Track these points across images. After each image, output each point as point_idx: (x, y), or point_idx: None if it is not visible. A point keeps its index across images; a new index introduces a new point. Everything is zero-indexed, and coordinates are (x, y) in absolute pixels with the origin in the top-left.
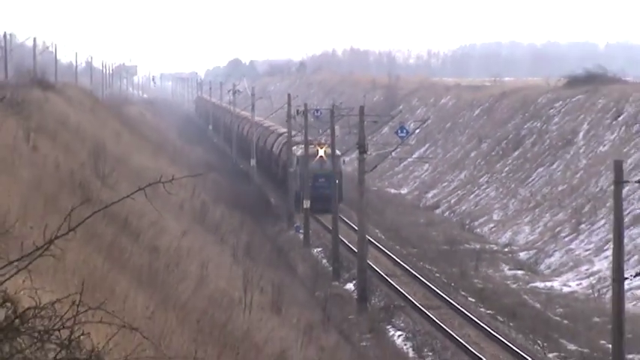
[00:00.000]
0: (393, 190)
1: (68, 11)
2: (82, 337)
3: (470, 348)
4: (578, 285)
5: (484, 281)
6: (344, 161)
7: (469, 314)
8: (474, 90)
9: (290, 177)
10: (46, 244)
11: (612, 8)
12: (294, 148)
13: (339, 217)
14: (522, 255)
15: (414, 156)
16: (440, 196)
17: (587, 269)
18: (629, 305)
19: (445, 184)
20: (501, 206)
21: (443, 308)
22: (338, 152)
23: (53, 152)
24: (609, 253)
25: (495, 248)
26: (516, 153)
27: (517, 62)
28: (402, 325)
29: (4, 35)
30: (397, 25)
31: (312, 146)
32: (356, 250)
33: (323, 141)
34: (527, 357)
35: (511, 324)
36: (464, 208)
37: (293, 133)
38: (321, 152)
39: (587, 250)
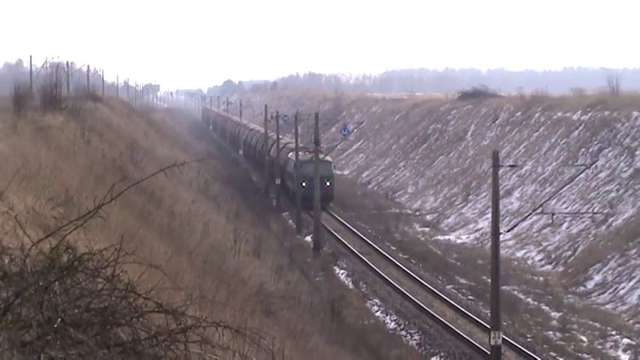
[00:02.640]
0: (338, 172)
1: (113, 45)
2: (121, 273)
3: (392, 282)
4: (467, 238)
5: (402, 235)
6: (334, 166)
7: (391, 258)
8: (395, 102)
9: (286, 178)
10: (95, 209)
11: (491, 43)
12: (291, 154)
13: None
14: (428, 217)
15: (353, 148)
16: (371, 176)
17: (473, 227)
18: (502, 252)
19: (375, 167)
20: (414, 183)
21: (373, 254)
22: (329, 159)
23: (101, 145)
24: (489, 215)
25: (409, 212)
26: (424, 146)
27: (425, 82)
28: (345, 265)
29: (67, 63)
30: (342, 55)
31: (309, 153)
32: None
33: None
34: (432, 288)
35: (421, 265)
36: (388, 184)
37: (270, 132)
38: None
39: (473, 214)
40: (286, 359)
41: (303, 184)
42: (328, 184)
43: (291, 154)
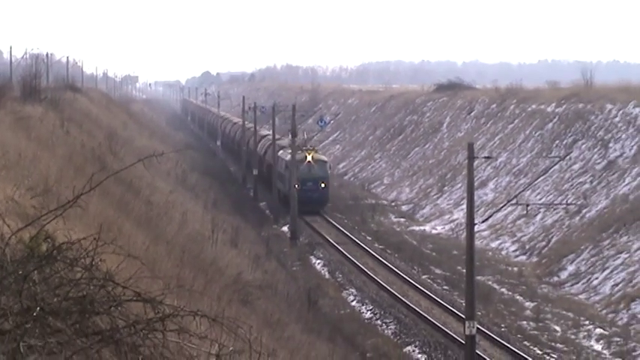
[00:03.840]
0: None
1: (92, 37)
2: (99, 263)
3: (368, 272)
4: (442, 228)
5: (378, 225)
6: (330, 167)
7: (367, 248)
8: (371, 94)
9: (276, 179)
10: (74, 199)
11: (466, 36)
12: (281, 152)
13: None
14: (404, 207)
15: (330, 139)
16: (348, 167)
17: (448, 217)
18: (477, 242)
19: (351, 158)
20: (390, 174)
21: (349, 244)
22: (324, 158)
23: (80, 136)
24: (464, 206)
25: (385, 203)
26: (400, 137)
27: (401, 74)
28: (321, 255)
29: (47, 54)
30: (319, 47)
31: (301, 151)
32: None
33: (310, 146)
34: (407, 278)
35: (396, 255)
36: (364, 175)
37: (247, 124)
38: (309, 157)
39: (448, 204)
40: (263, 348)
41: (296, 185)
42: (323, 185)
43: (281, 152)
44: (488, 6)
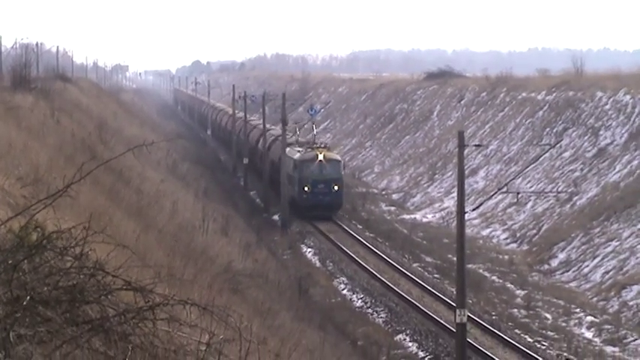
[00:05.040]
0: None
1: (82, 26)
2: (89, 252)
3: (359, 260)
4: (433, 217)
5: (368, 214)
6: (344, 166)
7: (358, 237)
8: (361, 82)
9: (282, 179)
10: (64, 188)
11: (456, 23)
12: (289, 150)
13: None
14: (395, 196)
15: (320, 128)
16: (338, 155)
17: (439, 206)
18: (468, 231)
19: (342, 147)
20: (380, 162)
21: (340, 232)
22: (338, 157)
23: (70, 125)
24: (454, 194)
25: (376, 191)
26: (391, 125)
27: (391, 63)
28: (312, 244)
29: (37, 44)
30: (309, 36)
31: (311, 149)
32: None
33: (322, 145)
34: (398, 266)
35: (387, 244)
36: (355, 163)
37: (237, 113)
38: (321, 156)
39: (439, 193)
40: (253, 336)
41: (306, 188)
42: (336, 188)
43: (289, 149)
44: None
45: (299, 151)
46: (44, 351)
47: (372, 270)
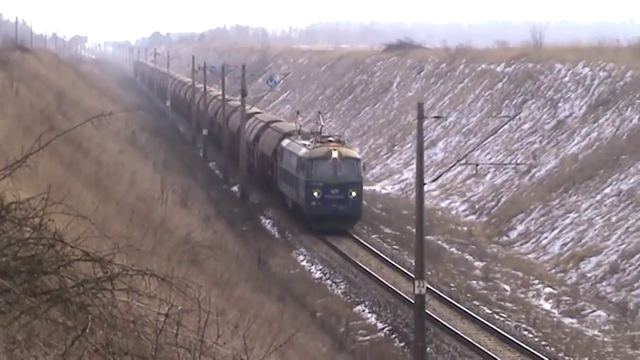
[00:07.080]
0: None
1: None
2: (48, 222)
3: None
4: (392, 188)
5: None
6: (364, 166)
7: None
8: (321, 54)
9: (281, 180)
10: (23, 159)
11: None
12: (288, 142)
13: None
14: None
15: (280, 99)
16: (356, 152)
17: (398, 177)
18: (427, 202)
19: (301, 118)
20: (339, 134)
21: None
22: (356, 155)
23: (29, 96)
24: (413, 166)
25: None
26: (350, 97)
27: (351, 35)
28: (271, 215)
29: None
30: (268, 8)
31: (321, 144)
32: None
33: (334, 137)
34: (357, 237)
35: None
36: None
37: (197, 84)
38: (335, 154)
39: (398, 164)
40: (212, 307)
41: (315, 194)
42: (354, 194)
43: (287, 142)
44: None
45: (305, 145)
46: (2, 321)
47: (330, 241)
